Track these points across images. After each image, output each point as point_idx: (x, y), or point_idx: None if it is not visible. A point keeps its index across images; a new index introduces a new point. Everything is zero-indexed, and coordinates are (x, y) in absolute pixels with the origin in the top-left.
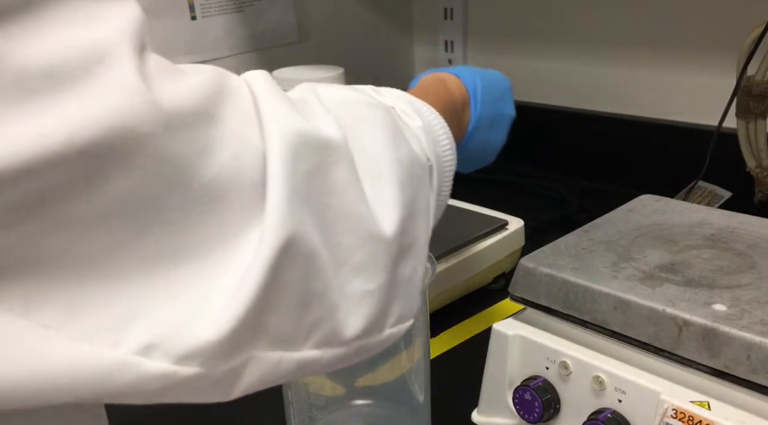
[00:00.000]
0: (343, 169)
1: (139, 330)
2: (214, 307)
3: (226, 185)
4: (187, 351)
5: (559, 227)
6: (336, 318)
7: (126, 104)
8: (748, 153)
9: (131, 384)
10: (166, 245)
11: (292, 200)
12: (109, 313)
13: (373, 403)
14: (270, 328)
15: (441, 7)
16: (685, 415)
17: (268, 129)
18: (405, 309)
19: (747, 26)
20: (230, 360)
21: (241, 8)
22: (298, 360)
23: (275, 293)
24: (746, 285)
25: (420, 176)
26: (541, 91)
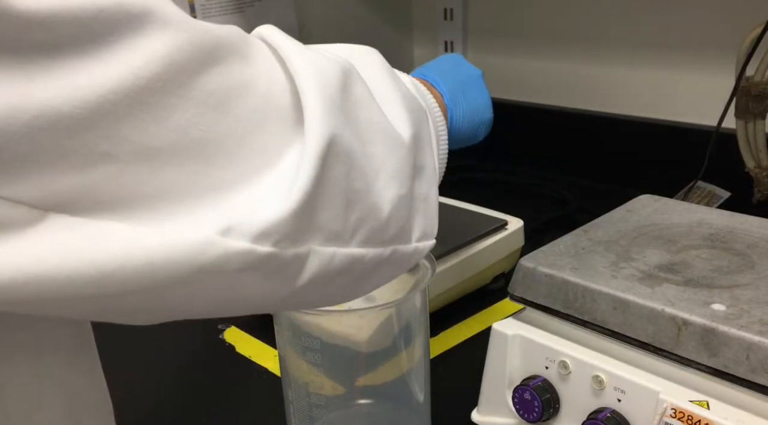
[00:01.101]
0: (360, 87)
1: (218, 216)
2: (276, 195)
3: (264, 116)
4: (262, 230)
5: (558, 227)
6: (376, 218)
7: (180, 42)
8: (747, 153)
9: (216, 262)
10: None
11: (328, 106)
12: (189, 208)
13: (373, 403)
14: (323, 224)
15: (441, 7)
16: (684, 415)
17: (291, 62)
18: (427, 226)
19: (746, 27)
20: (296, 244)
21: (242, 8)
22: (348, 255)
23: (325, 186)
24: (745, 285)
25: (420, 111)
26: (541, 91)
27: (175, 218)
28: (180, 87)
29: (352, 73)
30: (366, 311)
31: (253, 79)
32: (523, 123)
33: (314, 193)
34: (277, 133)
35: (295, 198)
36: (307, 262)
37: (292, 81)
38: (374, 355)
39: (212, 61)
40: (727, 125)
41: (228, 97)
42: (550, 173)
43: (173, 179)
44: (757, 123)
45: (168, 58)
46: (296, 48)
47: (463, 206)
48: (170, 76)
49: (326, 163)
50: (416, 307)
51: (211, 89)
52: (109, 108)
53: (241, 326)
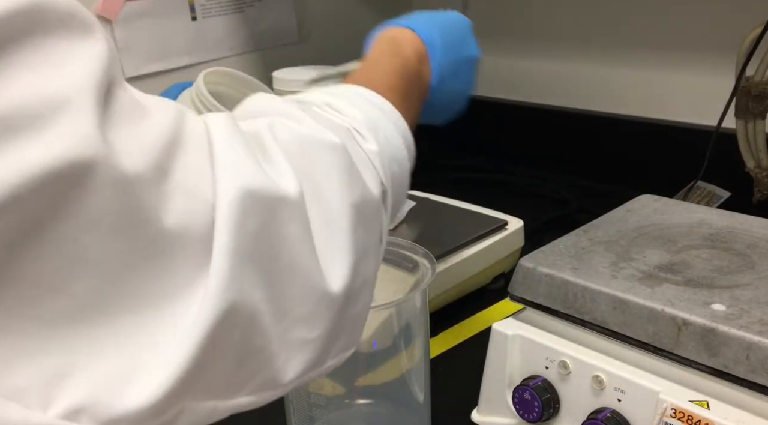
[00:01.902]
0: (295, 224)
1: (69, 391)
2: (147, 371)
3: (176, 239)
4: (115, 417)
5: (558, 227)
6: (274, 366)
7: (78, 158)
8: (747, 153)
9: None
10: (107, 298)
11: (236, 264)
12: (41, 368)
13: (373, 403)
14: (205, 384)
15: (441, 8)
16: (684, 414)
17: (221, 181)
18: (349, 341)
19: (746, 27)
20: (161, 417)
21: (242, 9)
22: (233, 406)
23: (212, 355)
24: (745, 285)
25: (373, 213)
26: (541, 92)
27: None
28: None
29: (292, 204)
30: None
31: (168, 198)
32: (523, 123)
33: (198, 363)
34: (182, 265)
35: (170, 377)
36: (177, 421)
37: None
38: (374, 355)
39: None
40: (727, 125)
41: (131, 218)
42: (550, 173)
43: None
44: (757, 123)
45: (59, 172)
46: (234, 161)
47: (463, 206)
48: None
49: (219, 331)
50: (416, 307)
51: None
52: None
53: None
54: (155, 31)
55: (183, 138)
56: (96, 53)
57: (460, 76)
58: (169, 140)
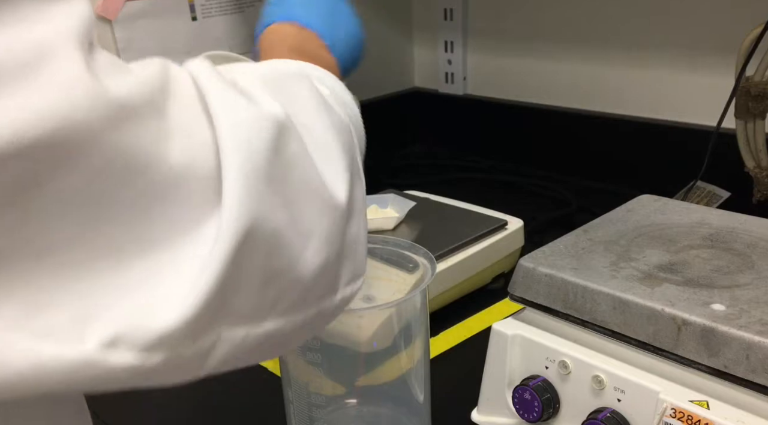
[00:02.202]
0: (295, 143)
1: (103, 324)
2: (176, 295)
3: (183, 175)
4: (153, 340)
5: (558, 227)
6: (299, 288)
7: (72, 97)
8: (746, 153)
9: (99, 378)
10: (123, 238)
11: (251, 181)
12: (70, 308)
13: (373, 403)
14: (234, 308)
15: (441, 8)
16: (684, 414)
17: (217, 117)
18: (355, 268)
19: (746, 27)
20: (196, 342)
21: (242, 9)
22: (263, 332)
23: (237, 276)
24: (745, 285)
25: (350, 139)
26: (541, 92)
27: (52, 324)
28: (78, 146)
29: (287, 127)
30: (366, 311)
31: (168, 136)
32: (523, 123)
33: (224, 283)
34: (191, 205)
35: (198, 297)
36: (214, 350)
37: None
38: (374, 355)
39: (120, 119)
40: (727, 125)
41: (137, 157)
42: (549, 173)
43: (54, 268)
44: (757, 123)
45: (60, 114)
46: (225, 97)
47: (463, 206)
48: (63, 135)
49: (242, 252)
50: (416, 307)
51: (117, 148)
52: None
53: None
54: (155, 31)
55: (171, 81)
56: (77, 11)
57: (342, 21)
58: (158, 83)
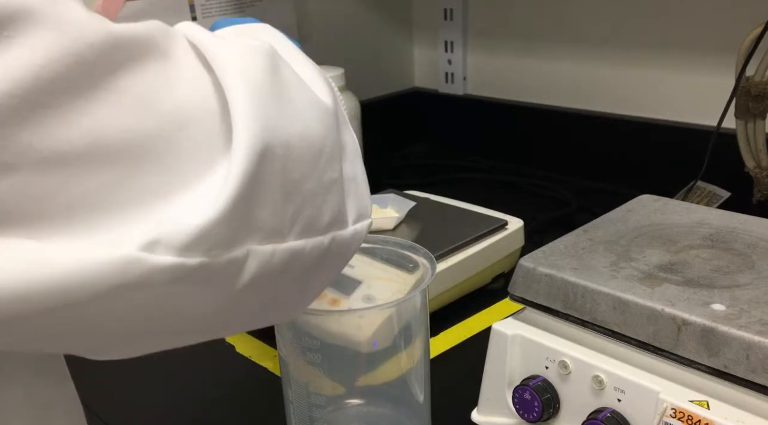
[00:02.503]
0: (286, 67)
1: (140, 232)
2: (204, 200)
3: (192, 113)
4: (189, 241)
5: (558, 227)
6: (312, 206)
7: (87, 37)
8: (747, 153)
9: (139, 280)
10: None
11: (258, 99)
12: (109, 220)
13: (373, 403)
14: (260, 222)
15: (441, 8)
16: (684, 414)
17: (216, 61)
18: (360, 206)
19: (746, 27)
20: (231, 248)
21: (242, 9)
22: (287, 249)
23: (260, 184)
24: (745, 285)
25: (330, 84)
26: (541, 92)
27: (93, 233)
28: (90, 87)
29: (275, 55)
30: (366, 311)
31: (175, 76)
32: (523, 123)
33: (248, 193)
34: (206, 131)
35: (225, 201)
36: (246, 264)
37: (217, 78)
38: (374, 355)
39: (126, 59)
40: (727, 125)
41: (148, 94)
42: (550, 173)
43: (89, 188)
44: (757, 123)
45: (74, 56)
46: (216, 41)
47: (463, 206)
48: (77, 76)
49: (260, 160)
50: (416, 307)
51: (126, 88)
52: (6, 113)
53: None
54: None
55: (168, 30)
56: None
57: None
58: (156, 29)
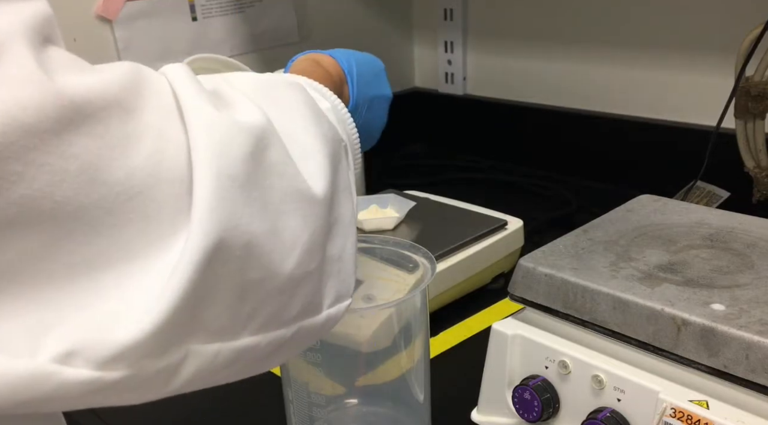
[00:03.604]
0: (275, 150)
1: (57, 338)
2: (138, 309)
3: (149, 181)
4: (111, 355)
5: (558, 227)
6: (276, 303)
7: (25, 98)
8: (746, 153)
9: (52, 393)
10: (86, 248)
11: (224, 190)
12: (24, 322)
13: (373, 403)
14: (205, 322)
15: (441, 8)
16: (683, 414)
17: (192, 122)
18: (341, 289)
19: (745, 27)
20: (162, 357)
21: (242, 9)
22: (237, 348)
23: (207, 288)
24: (745, 285)
25: (340, 152)
26: (541, 91)
27: (4, 337)
28: (28, 151)
29: (266, 133)
30: (366, 311)
31: (135, 140)
32: (522, 123)
33: (192, 295)
34: (158, 212)
35: (162, 310)
36: (183, 365)
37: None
38: (374, 355)
39: (79, 121)
40: (727, 125)
41: (97, 163)
42: (550, 173)
43: (8, 257)
44: (757, 123)
45: (8, 116)
46: (201, 106)
47: (463, 206)
48: (12, 140)
49: (211, 263)
50: (416, 307)
51: (74, 154)
52: None
53: None
54: (155, 31)
55: (143, 82)
56: (30, 8)
57: (374, 111)
58: (127, 82)
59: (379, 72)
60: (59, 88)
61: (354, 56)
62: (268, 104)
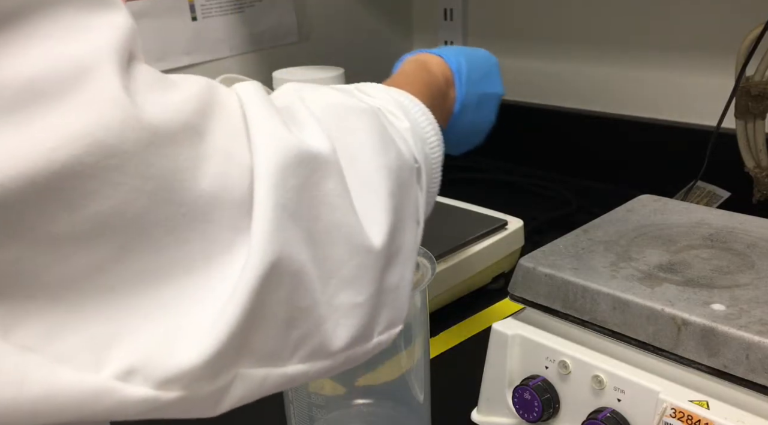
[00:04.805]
0: (333, 181)
1: (120, 354)
2: (197, 330)
3: (213, 202)
4: (169, 376)
5: (558, 227)
6: (323, 332)
7: (108, 120)
8: (746, 153)
9: (111, 410)
10: (149, 264)
11: (279, 219)
12: (89, 334)
13: (373, 403)
14: (255, 346)
15: (441, 8)
16: (684, 414)
17: (257, 144)
18: (394, 316)
19: (746, 27)
20: (214, 380)
21: (242, 9)
22: (284, 374)
23: (260, 313)
24: (745, 285)
25: (408, 180)
26: (541, 92)
27: (71, 349)
28: (108, 171)
29: (327, 162)
30: None
31: (205, 163)
32: (523, 123)
33: (247, 320)
34: (221, 230)
35: (218, 336)
36: (231, 388)
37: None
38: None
39: (155, 142)
40: (727, 125)
41: (170, 184)
42: (550, 173)
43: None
44: (757, 123)
45: (91, 137)
46: (268, 124)
47: (463, 206)
48: (93, 159)
49: (266, 286)
50: (416, 307)
51: (150, 175)
52: (12, 197)
53: None
54: (155, 31)
55: (215, 104)
56: (116, 24)
57: (482, 109)
58: (200, 104)
59: (492, 68)
60: (140, 111)
61: (464, 54)
62: (336, 129)
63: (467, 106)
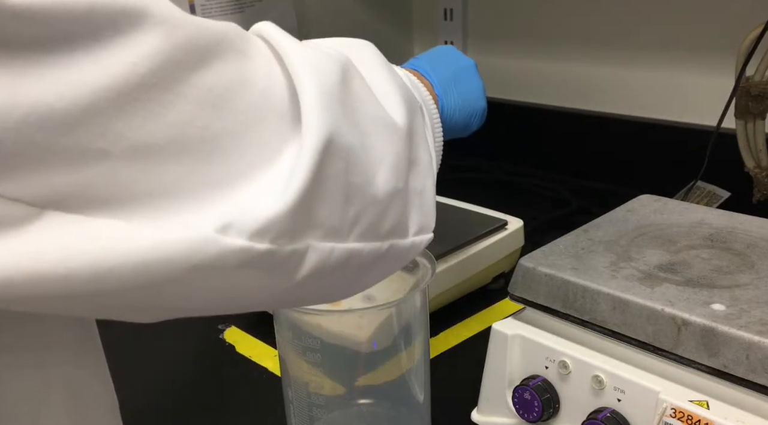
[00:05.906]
0: (359, 81)
1: (215, 213)
2: (274, 192)
3: (262, 113)
4: (259, 227)
5: (558, 227)
6: (374, 212)
7: (175, 39)
8: (746, 153)
9: (214, 260)
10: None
11: (326, 102)
12: (186, 205)
13: (373, 403)
14: (321, 219)
15: (441, 8)
16: (684, 414)
17: (291, 59)
18: (423, 222)
19: (746, 27)
20: (294, 240)
21: (242, 9)
22: (346, 250)
23: (323, 185)
24: (745, 285)
25: (413, 103)
26: (541, 92)
27: (172, 216)
28: (177, 83)
29: (350, 67)
30: (366, 311)
31: (252, 76)
32: (523, 123)
33: (312, 189)
34: (275, 129)
35: (292, 195)
36: (306, 257)
37: (290, 78)
38: (374, 355)
39: (210, 58)
40: (727, 125)
41: (226, 93)
42: (550, 173)
43: (170, 176)
44: (757, 123)
45: (164, 54)
46: (294, 45)
47: (463, 206)
48: (167, 73)
49: (324, 159)
50: (416, 307)
51: (209, 85)
52: (104, 105)
53: (241, 326)
54: None
55: (246, 35)
56: None
57: (463, 81)
58: (235, 31)
59: (448, 51)
60: (201, 30)
61: (415, 58)
62: (348, 53)
63: (446, 84)
